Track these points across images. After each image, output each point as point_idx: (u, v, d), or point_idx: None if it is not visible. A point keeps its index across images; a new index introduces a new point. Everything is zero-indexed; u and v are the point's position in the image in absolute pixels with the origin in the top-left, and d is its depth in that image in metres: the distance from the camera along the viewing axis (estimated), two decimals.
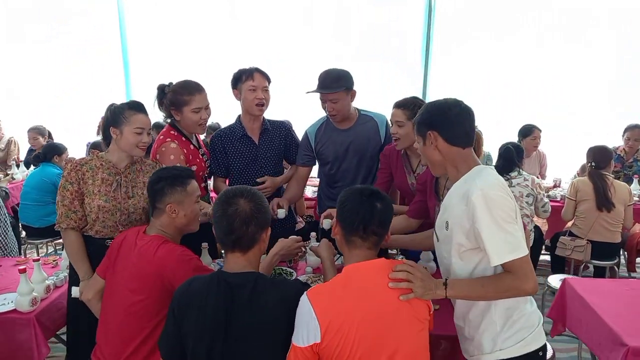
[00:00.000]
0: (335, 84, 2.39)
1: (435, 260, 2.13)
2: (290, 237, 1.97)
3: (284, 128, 2.73)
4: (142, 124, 2.05)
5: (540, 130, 4.66)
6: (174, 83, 2.40)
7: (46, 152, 4.09)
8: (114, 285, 1.77)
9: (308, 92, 2.46)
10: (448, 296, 1.44)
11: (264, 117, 2.64)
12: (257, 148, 2.61)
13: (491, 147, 4.33)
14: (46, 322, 2.18)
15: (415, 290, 1.39)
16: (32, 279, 2.22)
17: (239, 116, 2.63)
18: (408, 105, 2.28)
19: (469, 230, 1.45)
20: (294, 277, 2.24)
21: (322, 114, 2.62)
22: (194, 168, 2.40)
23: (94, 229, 2.06)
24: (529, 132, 4.61)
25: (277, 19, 5.70)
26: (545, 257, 4.35)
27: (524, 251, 1.40)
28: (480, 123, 4.16)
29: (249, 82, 2.47)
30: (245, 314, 1.40)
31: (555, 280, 3.12)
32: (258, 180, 2.60)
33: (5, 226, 3.04)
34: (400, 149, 2.39)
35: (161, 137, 2.37)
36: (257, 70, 2.51)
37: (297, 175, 2.71)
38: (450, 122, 1.50)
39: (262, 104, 2.50)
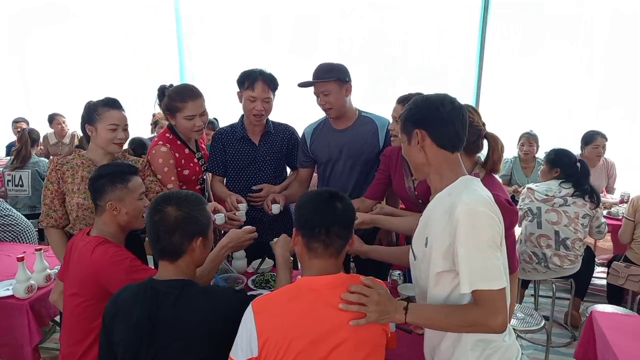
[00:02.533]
0: (326, 75, 2.31)
1: None
2: (243, 228, 1.87)
3: (287, 132, 2.63)
4: (116, 120, 2.05)
5: (606, 139, 4.12)
6: (174, 85, 2.36)
7: None
8: (65, 289, 1.77)
9: (300, 84, 2.36)
10: (407, 321, 1.29)
11: (268, 119, 2.55)
12: (257, 150, 2.54)
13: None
14: (41, 309, 2.28)
15: (369, 314, 1.25)
16: (34, 268, 2.33)
17: (242, 116, 2.56)
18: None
19: (447, 248, 1.27)
20: None
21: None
22: (186, 172, 2.36)
23: (75, 228, 2.07)
24: (590, 139, 4.09)
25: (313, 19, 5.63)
26: (602, 282, 3.84)
27: (502, 284, 1.22)
28: (540, 127, 3.77)
29: (249, 91, 2.37)
30: (169, 321, 1.33)
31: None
32: (254, 187, 2.53)
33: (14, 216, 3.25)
34: (397, 145, 2.22)
35: (156, 139, 2.36)
36: (261, 78, 2.36)
37: (299, 177, 2.63)
38: (441, 120, 1.32)
39: (260, 115, 2.41)
